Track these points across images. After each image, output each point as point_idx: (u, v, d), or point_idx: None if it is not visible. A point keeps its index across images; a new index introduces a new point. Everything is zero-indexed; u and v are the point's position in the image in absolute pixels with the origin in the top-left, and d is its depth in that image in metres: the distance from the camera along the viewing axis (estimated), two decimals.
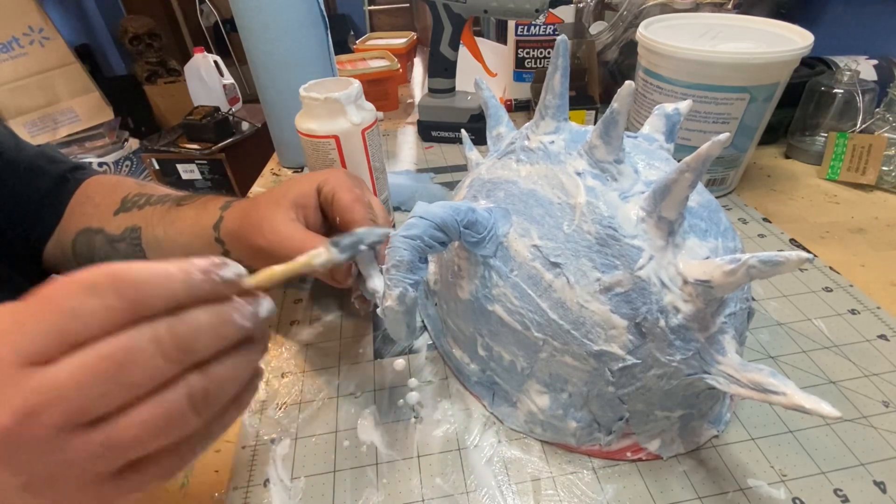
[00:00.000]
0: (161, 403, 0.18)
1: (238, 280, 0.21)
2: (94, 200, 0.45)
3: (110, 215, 0.43)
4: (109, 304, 0.17)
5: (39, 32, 1.64)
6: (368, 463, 0.31)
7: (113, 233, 0.42)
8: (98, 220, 0.44)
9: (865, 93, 0.55)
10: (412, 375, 0.37)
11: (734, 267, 0.22)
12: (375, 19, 2.44)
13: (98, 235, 0.43)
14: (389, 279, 0.28)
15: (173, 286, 0.18)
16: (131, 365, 0.17)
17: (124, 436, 0.17)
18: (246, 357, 0.21)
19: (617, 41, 0.72)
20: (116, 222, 0.43)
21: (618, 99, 0.25)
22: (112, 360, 0.17)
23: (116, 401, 0.17)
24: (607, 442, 0.30)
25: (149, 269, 0.18)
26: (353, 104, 0.45)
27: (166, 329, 0.18)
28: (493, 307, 0.30)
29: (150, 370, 0.18)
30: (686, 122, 0.50)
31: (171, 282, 0.18)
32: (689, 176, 0.23)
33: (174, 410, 0.18)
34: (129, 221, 0.42)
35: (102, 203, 0.44)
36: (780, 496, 0.28)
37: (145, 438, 0.18)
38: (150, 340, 0.18)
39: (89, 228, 0.44)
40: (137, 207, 0.43)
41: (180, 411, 0.18)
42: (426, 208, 0.28)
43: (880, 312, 0.39)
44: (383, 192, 0.51)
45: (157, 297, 0.18)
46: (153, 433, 0.18)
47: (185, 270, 0.19)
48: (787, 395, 0.22)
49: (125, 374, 0.17)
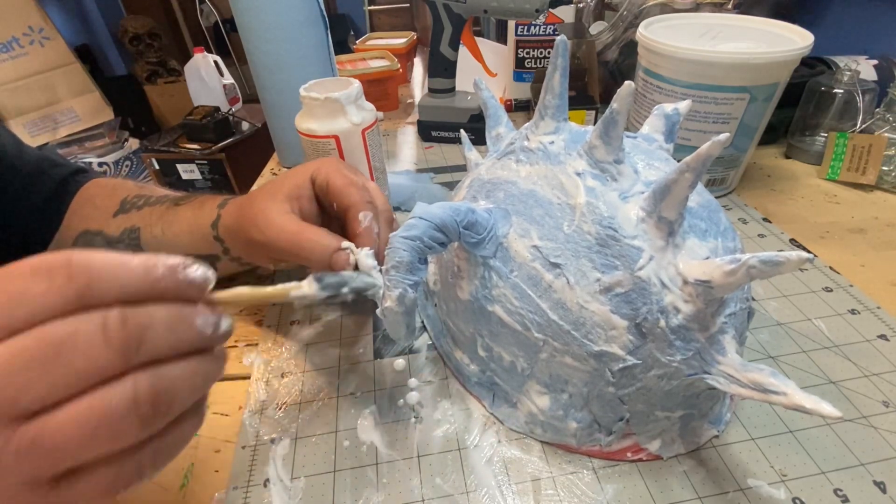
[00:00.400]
0: (102, 399, 0.16)
1: (205, 284, 0.19)
2: (94, 202, 0.45)
3: (109, 217, 0.43)
4: (57, 289, 0.16)
5: (39, 32, 1.64)
6: (368, 463, 0.31)
7: (112, 234, 0.42)
8: (97, 222, 0.44)
9: (865, 93, 0.55)
10: (412, 375, 0.37)
11: (734, 267, 0.22)
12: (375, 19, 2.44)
13: (97, 237, 0.43)
14: (389, 280, 0.28)
15: (130, 276, 0.17)
16: (72, 351, 0.16)
17: (58, 434, 0.16)
18: (203, 366, 0.19)
19: (617, 41, 0.72)
20: (115, 224, 0.43)
21: (617, 99, 0.25)
22: (51, 343, 0.15)
23: (52, 392, 0.16)
24: (608, 442, 0.30)
25: (107, 257, 0.17)
26: (354, 104, 0.45)
27: (117, 317, 0.16)
28: (493, 308, 0.30)
29: (94, 359, 0.16)
30: (686, 122, 0.50)
31: (129, 272, 0.17)
32: (689, 176, 0.23)
33: (116, 411, 0.16)
34: (127, 223, 0.42)
35: (102, 205, 0.44)
36: (780, 496, 0.28)
37: (81, 439, 0.16)
38: (97, 327, 0.16)
39: (88, 231, 0.44)
40: (136, 209, 0.43)
41: (123, 413, 0.16)
42: (426, 209, 0.28)
43: (880, 312, 0.39)
44: (383, 192, 0.51)
45: (111, 285, 0.17)
46: (90, 434, 0.16)
47: (148, 264, 0.18)
48: (787, 396, 0.22)
49: (64, 361, 0.16)
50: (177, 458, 0.32)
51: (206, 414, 0.22)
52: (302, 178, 0.36)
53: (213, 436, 0.34)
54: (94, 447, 0.16)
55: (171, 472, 0.32)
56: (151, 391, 0.17)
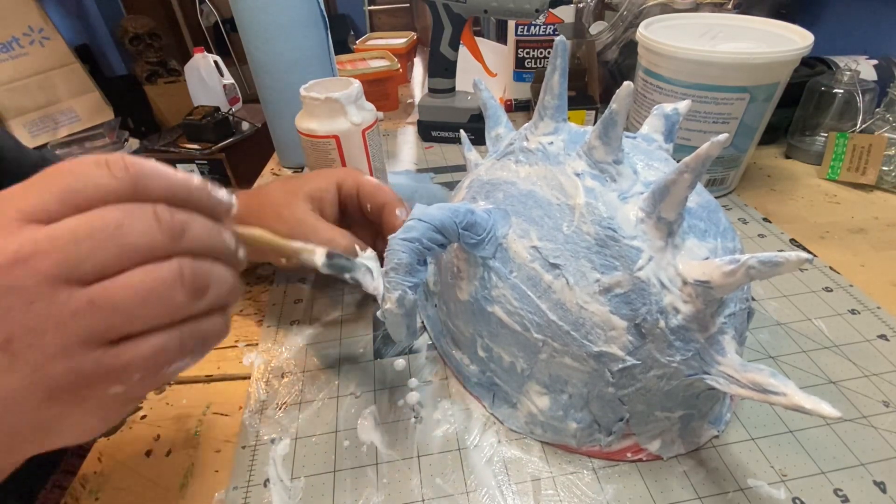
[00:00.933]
0: (153, 271, 0.18)
1: (230, 206, 0.22)
2: None
3: None
4: (117, 178, 0.18)
5: (39, 32, 1.64)
6: (368, 463, 0.31)
7: None
8: None
9: (865, 93, 0.55)
10: (412, 375, 0.37)
11: (734, 268, 0.22)
12: (375, 19, 2.44)
13: None
14: (389, 282, 0.28)
15: (175, 181, 0.20)
16: (130, 229, 0.18)
17: (113, 296, 0.17)
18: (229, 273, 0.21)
19: (617, 41, 0.72)
20: None
21: (616, 100, 0.25)
22: (112, 220, 0.18)
23: (111, 261, 0.18)
24: (608, 443, 0.30)
25: (155, 163, 0.19)
26: (354, 104, 0.45)
27: (165, 208, 0.19)
28: (493, 308, 0.30)
29: (148, 238, 0.18)
30: (686, 122, 0.50)
31: (174, 177, 0.20)
32: (689, 176, 0.23)
33: (165, 281, 0.18)
34: None
35: None
36: (780, 496, 0.28)
37: (134, 304, 0.18)
38: (150, 213, 0.18)
39: None
40: None
41: (171, 284, 0.19)
42: (425, 210, 0.28)
43: (880, 312, 0.39)
44: None
45: (160, 184, 0.19)
46: (142, 300, 0.18)
47: (187, 176, 0.20)
48: (787, 396, 0.22)
49: (123, 236, 0.18)
50: (177, 459, 0.32)
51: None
52: (326, 183, 0.38)
53: (213, 436, 0.34)
54: (145, 312, 0.18)
55: (171, 473, 0.32)
56: (193, 271, 0.19)
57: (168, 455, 0.33)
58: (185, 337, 0.20)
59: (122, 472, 0.32)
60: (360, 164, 0.47)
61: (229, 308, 0.23)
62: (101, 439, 0.34)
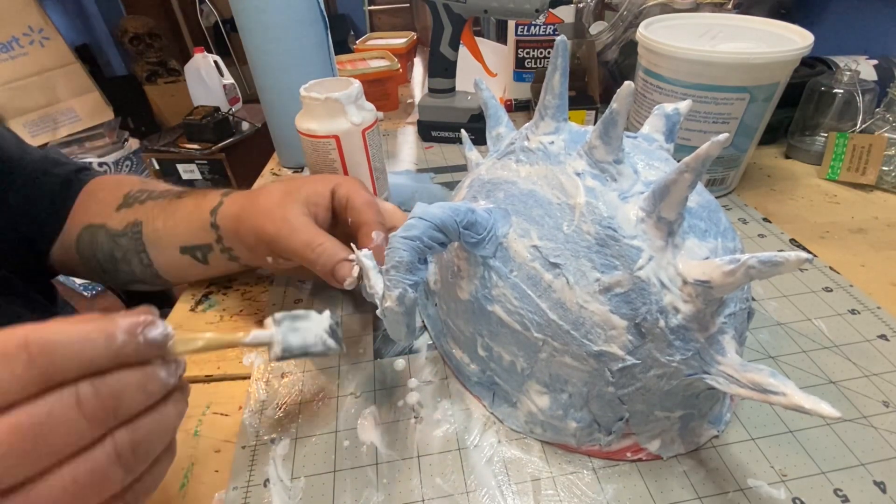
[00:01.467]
0: (86, 463, 0.17)
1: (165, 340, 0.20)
2: (98, 197, 0.46)
3: (112, 211, 0.43)
4: (21, 373, 0.16)
5: (39, 32, 1.64)
6: (368, 463, 0.31)
7: (115, 228, 0.43)
8: (100, 216, 0.44)
9: (865, 93, 0.55)
10: (412, 375, 0.37)
11: (734, 267, 0.22)
12: (375, 19, 2.44)
13: (100, 231, 0.43)
14: (389, 280, 0.28)
15: (93, 351, 0.18)
16: (51, 432, 0.16)
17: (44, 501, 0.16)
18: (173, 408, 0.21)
19: (617, 41, 0.72)
20: (118, 218, 0.43)
21: (617, 99, 0.25)
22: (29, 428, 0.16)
23: (36, 467, 0.16)
24: (607, 442, 0.30)
25: (66, 333, 0.17)
26: (354, 104, 0.45)
27: (88, 391, 0.17)
28: (493, 307, 0.30)
29: (74, 435, 0.17)
30: (686, 122, 0.50)
31: (91, 346, 0.17)
32: (689, 176, 0.23)
33: (100, 470, 0.17)
34: (131, 216, 0.42)
35: (105, 199, 0.45)
36: (780, 496, 0.28)
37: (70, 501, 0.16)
38: (71, 405, 0.17)
39: (91, 225, 0.44)
40: (139, 203, 0.43)
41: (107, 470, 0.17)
42: (425, 209, 0.28)
43: (880, 312, 0.39)
44: (383, 192, 0.51)
45: (75, 363, 0.17)
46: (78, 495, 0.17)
47: (108, 333, 0.18)
48: (786, 396, 0.22)
49: (45, 442, 0.16)
50: (177, 459, 0.32)
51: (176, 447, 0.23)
52: (323, 188, 0.37)
53: (213, 436, 0.34)
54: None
55: (171, 472, 0.32)
56: (131, 444, 0.18)
57: None
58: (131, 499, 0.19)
59: None
60: (361, 164, 0.47)
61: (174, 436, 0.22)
62: None
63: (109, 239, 0.43)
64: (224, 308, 0.45)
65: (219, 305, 0.45)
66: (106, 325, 0.18)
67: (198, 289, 0.47)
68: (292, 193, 0.36)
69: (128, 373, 0.18)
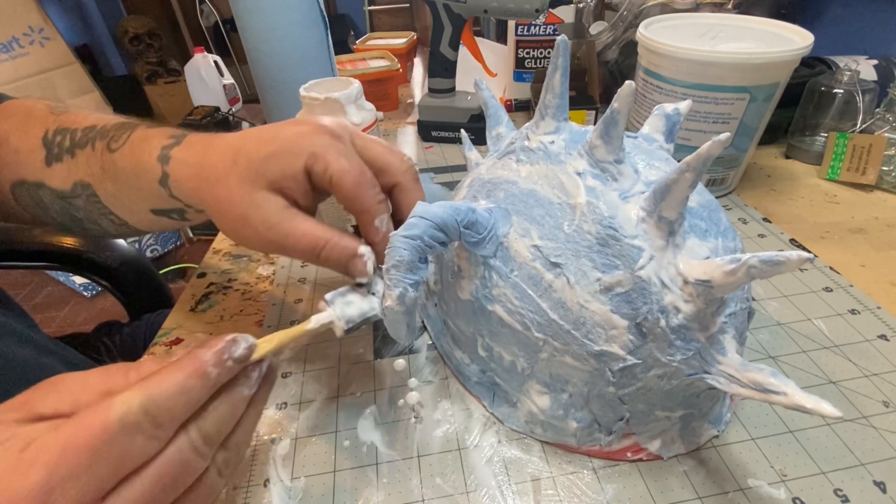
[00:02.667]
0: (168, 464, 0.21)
1: (248, 354, 0.23)
2: (10, 144, 0.38)
3: (40, 165, 0.37)
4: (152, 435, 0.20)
5: (39, 32, 1.64)
6: (368, 463, 0.31)
7: (60, 188, 0.37)
8: (29, 170, 0.38)
9: (865, 93, 0.55)
10: (412, 375, 0.37)
11: (734, 267, 0.22)
12: (375, 19, 2.44)
13: (42, 190, 0.38)
14: (389, 279, 0.28)
15: (196, 395, 0.21)
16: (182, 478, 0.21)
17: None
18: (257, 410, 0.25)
19: (617, 41, 0.72)
20: (54, 175, 0.37)
21: (618, 99, 0.25)
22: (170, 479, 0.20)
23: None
24: (608, 442, 0.30)
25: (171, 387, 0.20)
26: (354, 104, 0.45)
27: (197, 434, 0.21)
28: (494, 307, 0.30)
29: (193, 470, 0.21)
30: (686, 122, 0.50)
31: (194, 393, 0.21)
32: (690, 176, 0.23)
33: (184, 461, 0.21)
34: (72, 175, 0.37)
35: (21, 147, 0.38)
36: (781, 496, 0.28)
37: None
38: (191, 450, 0.21)
39: (25, 181, 0.38)
40: (69, 155, 0.37)
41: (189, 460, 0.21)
42: (426, 208, 0.28)
43: (880, 312, 0.39)
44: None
45: (184, 411, 0.21)
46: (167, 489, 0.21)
47: (202, 373, 0.21)
48: (787, 396, 0.22)
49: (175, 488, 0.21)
50: None
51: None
52: (292, 168, 0.29)
53: None
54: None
55: None
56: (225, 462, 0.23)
57: None
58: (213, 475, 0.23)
59: None
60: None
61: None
62: None
63: (58, 199, 0.38)
64: (224, 308, 0.45)
65: (219, 305, 0.45)
66: (197, 366, 0.21)
67: (198, 289, 0.47)
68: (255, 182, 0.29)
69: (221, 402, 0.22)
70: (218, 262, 0.51)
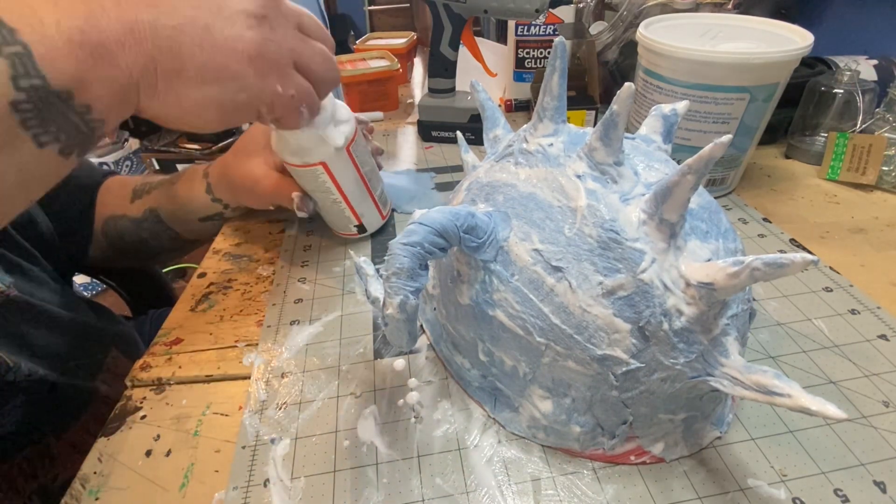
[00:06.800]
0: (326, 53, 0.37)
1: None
2: (112, 192, 0.58)
3: (127, 203, 0.57)
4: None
5: None
6: (368, 463, 0.31)
7: (135, 216, 0.56)
8: (119, 208, 0.57)
9: (865, 93, 0.55)
10: (412, 375, 0.37)
11: (738, 269, 0.22)
12: (375, 19, 2.44)
13: (122, 220, 0.57)
14: (390, 287, 0.27)
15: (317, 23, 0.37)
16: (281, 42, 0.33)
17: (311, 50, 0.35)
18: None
19: (617, 41, 0.72)
20: (135, 208, 0.56)
21: (617, 101, 0.25)
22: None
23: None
24: (611, 446, 0.30)
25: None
26: (331, 123, 0.42)
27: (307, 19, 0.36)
28: (495, 312, 0.30)
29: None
30: (686, 122, 0.50)
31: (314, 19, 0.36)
32: (691, 178, 0.23)
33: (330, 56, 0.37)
34: (145, 205, 0.56)
35: (119, 194, 0.58)
36: (781, 496, 0.28)
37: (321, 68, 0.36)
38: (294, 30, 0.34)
39: (114, 215, 0.57)
40: (146, 193, 0.56)
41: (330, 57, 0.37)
42: (425, 214, 0.28)
43: (880, 312, 0.39)
44: (377, 189, 0.51)
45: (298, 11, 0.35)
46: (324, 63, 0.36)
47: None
48: (791, 397, 0.22)
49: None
50: (177, 459, 0.32)
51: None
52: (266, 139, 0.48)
53: (213, 436, 0.34)
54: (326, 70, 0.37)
55: (170, 473, 0.32)
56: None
57: (168, 455, 0.33)
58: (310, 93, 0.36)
59: (121, 472, 0.32)
60: (353, 178, 0.46)
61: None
62: (102, 439, 0.34)
63: (133, 224, 0.56)
64: (224, 308, 0.45)
65: (219, 305, 0.45)
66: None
67: (198, 289, 0.47)
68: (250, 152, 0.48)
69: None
70: (218, 262, 0.51)
